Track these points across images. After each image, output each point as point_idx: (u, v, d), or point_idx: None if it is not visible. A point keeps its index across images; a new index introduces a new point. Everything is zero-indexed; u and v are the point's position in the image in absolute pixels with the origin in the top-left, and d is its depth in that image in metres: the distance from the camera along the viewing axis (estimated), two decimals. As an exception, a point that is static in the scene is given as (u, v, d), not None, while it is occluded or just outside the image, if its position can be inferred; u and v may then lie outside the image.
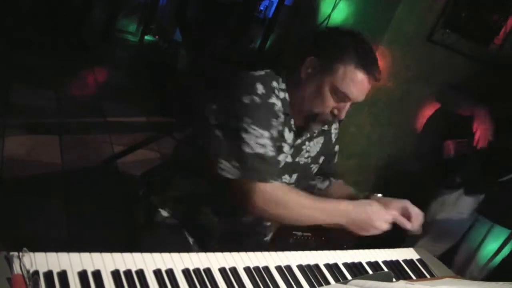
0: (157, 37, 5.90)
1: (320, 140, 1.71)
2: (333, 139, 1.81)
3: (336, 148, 1.86)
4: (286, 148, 1.56)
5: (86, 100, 4.14)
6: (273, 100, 1.46)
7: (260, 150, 1.40)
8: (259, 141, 1.40)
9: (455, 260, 2.58)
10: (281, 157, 1.55)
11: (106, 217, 2.58)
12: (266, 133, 1.42)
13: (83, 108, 3.98)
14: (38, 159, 3.07)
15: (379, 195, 1.67)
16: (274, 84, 1.49)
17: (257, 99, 1.42)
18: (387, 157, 3.30)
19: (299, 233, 2.40)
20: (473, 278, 2.48)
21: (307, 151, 1.66)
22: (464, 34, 2.93)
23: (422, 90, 3.06)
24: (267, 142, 1.42)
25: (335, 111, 1.51)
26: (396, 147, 3.27)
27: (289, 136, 1.56)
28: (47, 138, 3.33)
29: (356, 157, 3.21)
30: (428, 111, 3.09)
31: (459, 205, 2.50)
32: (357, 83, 1.45)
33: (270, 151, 1.42)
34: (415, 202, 1.61)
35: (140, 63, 5.41)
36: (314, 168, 1.75)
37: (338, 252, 1.53)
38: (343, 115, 1.52)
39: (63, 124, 3.57)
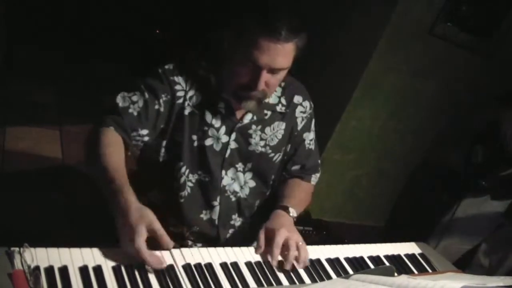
0: (157, 31, 5.87)
1: (281, 125, 1.60)
2: (299, 125, 1.66)
3: (306, 135, 1.70)
4: (212, 132, 1.50)
5: (87, 94, 4.12)
6: (179, 79, 1.46)
7: (124, 103, 1.41)
8: (133, 97, 1.42)
9: (475, 259, 2.59)
10: (208, 142, 1.50)
11: (107, 212, 2.57)
12: (146, 95, 1.43)
13: (84, 103, 3.96)
14: (39, 153, 3.06)
15: (293, 212, 1.52)
16: (194, 64, 1.48)
17: (159, 70, 1.46)
18: (387, 151, 3.29)
19: (300, 228, 2.40)
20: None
21: (263, 139, 1.57)
22: (465, 28, 2.92)
23: (423, 83, 3.05)
24: (140, 103, 1.41)
25: (251, 84, 1.38)
26: (397, 141, 3.26)
27: (215, 120, 1.50)
28: (48, 133, 3.32)
29: (356, 151, 3.21)
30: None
31: (484, 209, 2.50)
32: (261, 48, 1.31)
33: (133, 110, 1.41)
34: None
35: (141, 56, 5.39)
36: (277, 157, 1.63)
37: (340, 246, 1.53)
38: (259, 87, 1.38)
39: (63, 118, 3.56)
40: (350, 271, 1.42)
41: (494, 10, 2.95)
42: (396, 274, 1.36)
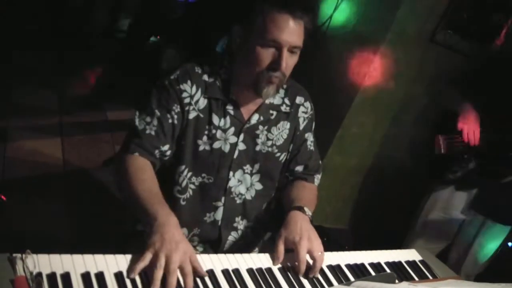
0: (158, 36, 5.88)
1: (286, 125, 1.64)
2: (301, 125, 1.69)
3: (307, 136, 1.72)
4: (220, 133, 1.52)
5: (87, 99, 4.13)
6: (185, 87, 1.48)
7: (140, 126, 1.46)
8: (147, 119, 1.46)
9: (449, 257, 2.56)
10: (216, 145, 1.52)
11: (108, 218, 2.58)
12: (157, 113, 1.47)
13: (84, 108, 3.97)
14: (40, 159, 3.07)
15: (308, 211, 1.51)
16: (198, 69, 1.51)
17: (165, 82, 1.49)
18: (388, 157, 3.29)
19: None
20: (468, 274, 2.46)
21: (269, 139, 1.60)
22: (466, 35, 2.93)
23: (424, 90, 3.05)
24: (155, 122, 1.46)
25: (274, 66, 1.42)
26: (398, 147, 3.26)
27: (223, 121, 1.53)
28: (49, 138, 3.33)
29: (357, 157, 3.21)
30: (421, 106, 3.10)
31: (451, 203, 2.47)
32: (280, 25, 1.38)
33: (150, 130, 1.46)
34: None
35: (141, 62, 5.41)
36: (283, 157, 1.66)
37: (341, 253, 1.53)
38: (283, 66, 1.42)
39: (64, 124, 3.57)
40: (351, 278, 1.42)
41: (494, 17, 2.96)
42: (397, 281, 1.36)
